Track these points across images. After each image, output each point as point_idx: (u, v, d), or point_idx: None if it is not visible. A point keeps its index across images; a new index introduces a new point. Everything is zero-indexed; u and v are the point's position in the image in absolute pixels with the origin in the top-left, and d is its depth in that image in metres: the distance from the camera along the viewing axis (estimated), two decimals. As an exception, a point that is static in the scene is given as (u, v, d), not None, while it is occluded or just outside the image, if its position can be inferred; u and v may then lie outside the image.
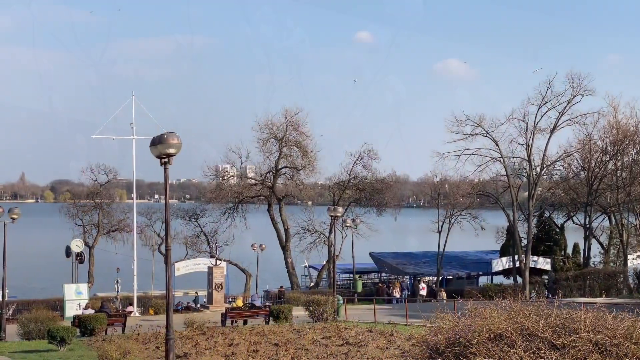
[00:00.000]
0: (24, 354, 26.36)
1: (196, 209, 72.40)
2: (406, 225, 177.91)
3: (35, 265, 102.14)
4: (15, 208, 36.22)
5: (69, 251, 59.44)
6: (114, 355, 20.19)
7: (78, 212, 66.98)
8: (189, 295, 64.15)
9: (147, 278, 64.32)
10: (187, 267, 60.22)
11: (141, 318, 45.73)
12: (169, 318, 17.49)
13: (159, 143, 16.91)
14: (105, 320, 34.46)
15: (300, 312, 39.93)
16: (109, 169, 68.27)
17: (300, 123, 68.66)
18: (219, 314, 40.46)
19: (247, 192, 69.92)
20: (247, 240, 76.50)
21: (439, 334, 11.82)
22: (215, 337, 29.06)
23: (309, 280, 75.43)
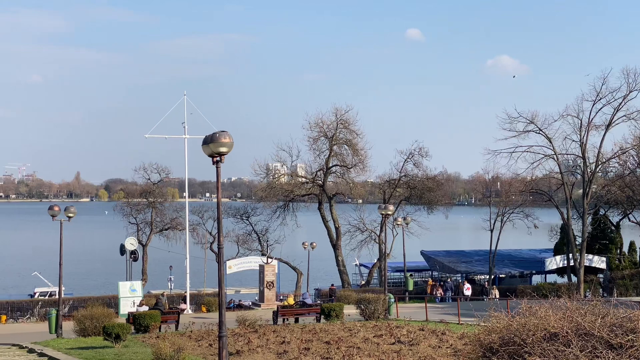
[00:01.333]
0: (80, 351, 26.78)
1: (247, 207, 72.87)
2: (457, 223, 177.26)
3: (90, 262, 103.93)
4: (71, 207, 36.78)
5: (123, 249, 60.34)
6: (168, 352, 20.37)
7: (132, 210, 67.89)
8: (241, 293, 64.67)
9: (200, 276, 64.93)
10: (238, 265, 60.68)
11: (194, 315, 46.18)
12: (222, 315, 17.60)
13: (211, 142, 17.00)
14: (159, 318, 34.84)
15: (351, 310, 39.90)
16: (161, 168, 69.30)
17: (350, 121, 68.69)
18: (270, 311, 40.66)
19: (297, 190, 70.12)
20: (297, 238, 76.77)
21: (493, 333, 11.70)
22: (267, 334, 29.18)
23: (360, 279, 75.39)
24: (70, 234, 37.75)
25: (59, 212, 35.51)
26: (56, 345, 29.18)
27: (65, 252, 36.08)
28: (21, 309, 56.34)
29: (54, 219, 35.38)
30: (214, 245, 65.49)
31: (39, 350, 27.95)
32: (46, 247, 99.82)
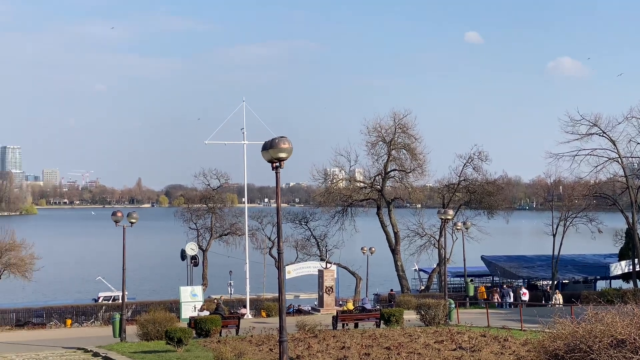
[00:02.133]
0: (143, 354, 27.17)
1: (306, 212, 72.95)
2: (518, 228, 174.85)
3: (151, 268, 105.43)
4: (133, 212, 37.37)
5: (183, 254, 60.96)
6: (229, 357, 20.55)
7: (192, 216, 68.53)
8: (300, 298, 64.78)
9: (259, 281, 65.26)
10: (297, 270, 60.82)
11: (254, 320, 46.46)
12: (282, 320, 17.65)
13: (271, 147, 17.10)
14: (220, 322, 35.16)
15: (411, 316, 39.68)
16: (220, 174, 69.78)
17: (409, 125, 68.33)
18: (329, 316, 40.65)
19: (356, 195, 69.97)
20: (356, 243, 76.58)
21: (558, 340, 11.51)
22: (327, 339, 29.20)
23: (419, 284, 74.91)
24: (132, 239, 38.30)
25: (121, 217, 36.11)
26: (120, 349, 29.65)
27: (127, 257, 36.62)
28: (85, 313, 57.40)
29: (117, 224, 36.00)
30: (273, 250, 65.78)
31: (103, 353, 28.44)
32: (109, 252, 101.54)
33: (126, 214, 36.93)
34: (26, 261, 55.33)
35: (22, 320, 55.13)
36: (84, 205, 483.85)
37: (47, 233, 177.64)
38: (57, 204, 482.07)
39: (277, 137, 17.26)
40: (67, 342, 35.74)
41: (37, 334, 42.96)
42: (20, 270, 54.84)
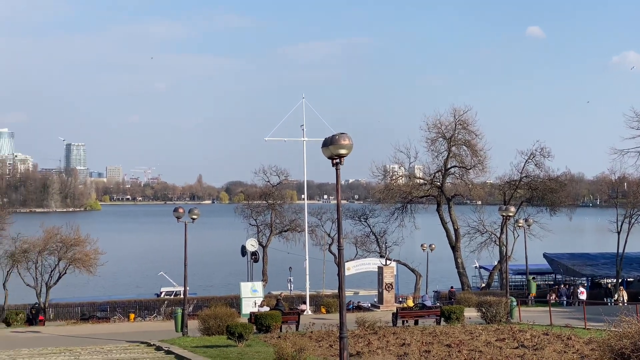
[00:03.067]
0: (205, 349, 27.48)
1: (365, 209, 72.88)
2: (582, 225, 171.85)
3: (212, 263, 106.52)
4: (195, 209, 37.79)
5: (244, 250, 61.47)
6: (289, 352, 20.62)
7: (252, 212, 69.01)
8: (359, 294, 64.75)
9: (318, 277, 65.42)
10: (357, 267, 60.77)
11: (313, 316, 46.59)
12: (343, 316, 17.65)
13: (331, 144, 17.08)
14: (280, 318, 35.35)
15: (472, 313, 39.33)
16: (280, 171, 70.12)
17: (469, 121, 67.73)
18: (389, 313, 40.57)
19: (415, 192, 69.64)
20: (416, 240, 76.27)
21: (625, 338, 11.27)
22: (387, 336, 29.12)
23: (480, 281, 74.18)
24: (193, 235, 38.80)
25: (183, 214, 36.53)
26: (182, 343, 30.05)
27: (189, 253, 37.06)
28: (148, 307, 58.37)
29: (179, 220, 36.44)
30: (333, 247, 65.87)
31: (165, 348, 28.85)
32: (171, 248, 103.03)
33: (187, 210, 37.34)
34: (90, 256, 56.40)
35: (86, 314, 56.34)
36: (146, 201, 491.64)
37: (111, 229, 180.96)
38: (120, 200, 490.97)
39: (337, 133, 17.24)
40: (131, 336, 36.37)
41: (102, 328, 43.84)
42: (85, 265, 55.94)
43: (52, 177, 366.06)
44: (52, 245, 56.20)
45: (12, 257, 55.96)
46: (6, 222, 62.46)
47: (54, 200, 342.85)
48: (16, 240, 58.09)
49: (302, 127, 53.65)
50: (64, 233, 57.82)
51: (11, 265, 56.23)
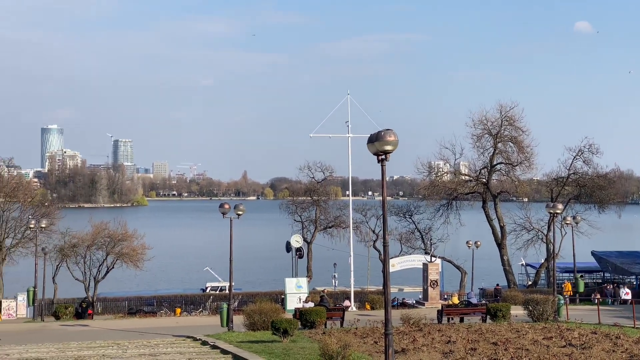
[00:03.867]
0: (250, 344, 27.60)
1: (410, 205, 72.59)
2: (631, 223, 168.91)
3: (257, 259, 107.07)
4: (240, 205, 37.96)
5: (289, 246, 61.66)
6: (334, 348, 20.59)
7: (296, 208, 69.16)
8: (404, 291, 64.51)
9: (363, 273, 65.33)
10: (402, 264, 60.61)
11: (358, 313, 46.57)
12: (388, 313, 17.60)
13: (376, 140, 17.03)
14: (325, 314, 35.38)
15: (518, 311, 38.96)
16: (325, 167, 70.16)
17: (515, 117, 66.99)
18: (434, 310, 40.37)
19: (461, 188, 69.11)
20: (461, 237, 75.67)
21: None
22: (432, 333, 28.96)
23: (526, 279, 73.42)
24: (239, 231, 38.98)
25: (229, 209, 36.73)
26: (227, 338, 30.22)
27: (234, 248, 37.26)
28: (194, 302, 58.92)
29: (224, 216, 36.64)
30: (377, 243, 65.72)
31: (211, 342, 29.05)
32: (217, 243, 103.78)
33: (233, 206, 37.54)
34: (138, 251, 57.18)
35: (134, 308, 57.08)
36: (192, 197, 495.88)
37: (157, 224, 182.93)
38: (166, 196, 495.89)
39: (383, 129, 17.19)
40: (177, 330, 36.72)
41: (148, 322, 44.34)
42: (132, 260, 56.71)
43: (100, 173, 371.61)
44: (100, 240, 57.08)
45: (62, 251, 56.98)
46: (56, 217, 63.55)
47: (102, 196, 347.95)
48: (65, 235, 59.16)
49: (347, 124, 53.66)
50: (111, 228, 58.70)
51: (60, 260, 57.26)
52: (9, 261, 59.80)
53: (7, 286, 59.51)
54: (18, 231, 60.48)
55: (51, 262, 57.35)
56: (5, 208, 61.05)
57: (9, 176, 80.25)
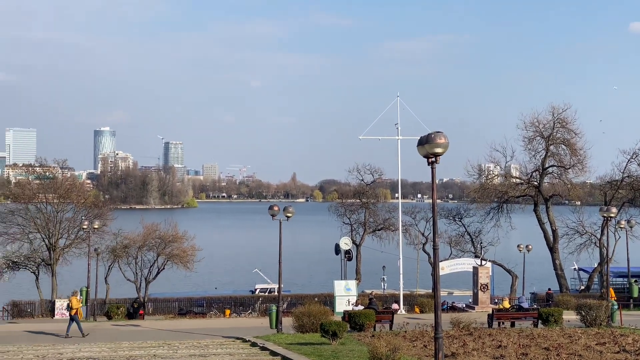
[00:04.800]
0: (299, 346, 27.64)
1: (460, 208, 72.02)
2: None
3: (306, 261, 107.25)
4: (289, 207, 38.05)
5: (337, 249, 61.60)
6: (383, 351, 20.52)
7: (345, 211, 69.08)
8: (454, 295, 64.04)
9: (412, 276, 65.00)
10: (451, 267, 60.19)
11: (407, 316, 46.32)
12: (438, 317, 17.46)
13: (427, 142, 16.93)
14: (374, 317, 35.26)
15: (570, 316, 38.36)
16: (374, 169, 69.95)
17: (568, 120, 66.02)
18: (484, 314, 39.95)
19: (512, 191, 68.33)
20: (512, 240, 74.89)
21: None
22: (483, 338, 28.67)
23: (579, 283, 72.27)
24: (288, 233, 39.07)
25: (278, 211, 36.84)
26: (276, 340, 30.31)
27: (283, 250, 37.35)
28: (243, 304, 59.24)
29: (274, 218, 36.75)
30: (426, 246, 65.34)
31: (260, 344, 29.17)
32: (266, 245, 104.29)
33: (282, 208, 37.64)
34: (188, 252, 57.66)
35: (184, 309, 57.62)
36: (241, 199, 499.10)
37: (207, 225, 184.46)
38: (216, 198, 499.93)
39: (433, 132, 17.09)
40: (226, 331, 36.93)
41: (198, 323, 44.70)
42: (183, 261, 57.22)
43: (151, 175, 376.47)
44: (151, 241, 57.73)
45: (114, 252, 57.78)
46: (108, 218, 64.43)
47: (153, 198, 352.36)
48: (117, 236, 59.99)
49: (397, 126, 53.53)
50: (162, 229, 59.32)
51: (112, 260, 58.06)
52: (63, 261, 60.79)
53: (61, 286, 60.50)
54: (71, 232, 61.47)
55: (103, 262, 58.19)
56: (59, 209, 62.06)
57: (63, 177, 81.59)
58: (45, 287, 58.91)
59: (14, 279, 62.77)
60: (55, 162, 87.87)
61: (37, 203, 62.58)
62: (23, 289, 68.18)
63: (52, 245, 59.47)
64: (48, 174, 76.85)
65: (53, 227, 60.18)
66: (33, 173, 79.30)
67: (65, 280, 66.81)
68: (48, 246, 59.66)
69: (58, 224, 60.75)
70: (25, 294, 63.84)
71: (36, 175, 77.30)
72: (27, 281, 64.77)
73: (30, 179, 72.23)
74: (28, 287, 65.86)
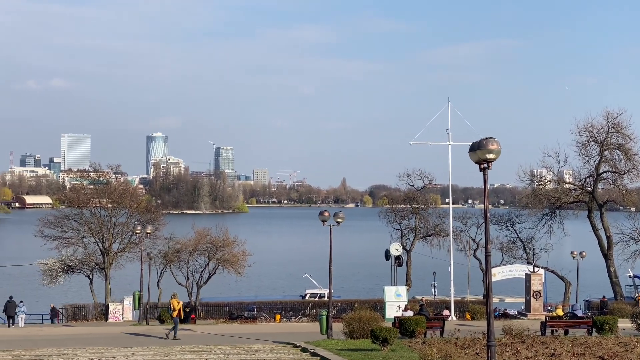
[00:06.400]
0: (349, 352, 27.63)
1: (511, 214, 71.25)
2: None
3: (356, 266, 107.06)
4: (340, 212, 38.04)
5: (388, 254, 61.37)
6: (434, 359, 20.43)
7: (395, 216, 68.81)
8: (506, 301, 63.33)
9: (463, 283, 64.45)
10: (503, 273, 59.53)
11: (458, 322, 45.96)
12: (490, 324, 17.31)
13: (479, 148, 16.84)
14: (425, 323, 35.07)
15: (626, 324, 37.70)
16: (424, 175, 69.59)
17: (623, 125, 64.85)
18: (537, 322, 39.47)
19: (565, 197, 67.33)
20: (565, 247, 73.81)
21: None
22: (536, 346, 28.33)
23: (634, 291, 70.90)
24: (337, 238, 39.03)
25: (328, 217, 36.89)
26: (327, 345, 30.34)
27: (333, 256, 37.36)
28: (294, 309, 59.33)
29: (324, 224, 36.81)
30: (477, 252, 64.72)
31: (311, 349, 29.22)
32: (315, 250, 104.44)
33: (332, 213, 37.65)
34: (239, 257, 57.99)
35: (235, 313, 57.96)
36: (291, 204, 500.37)
37: (258, 230, 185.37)
38: (266, 203, 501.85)
39: (485, 137, 16.98)
40: (277, 336, 37.07)
41: (249, 328, 44.98)
42: (233, 266, 57.57)
43: (203, 180, 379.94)
44: (202, 246, 58.19)
45: (166, 256, 58.40)
46: (160, 223, 65.08)
47: (204, 202, 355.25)
48: (169, 240, 60.59)
49: (448, 131, 53.19)
50: (213, 234, 59.74)
51: (164, 265, 58.68)
52: (116, 265, 61.61)
53: (114, 289, 61.36)
54: (124, 236, 62.25)
55: (156, 266, 58.83)
56: (112, 214, 62.92)
57: (117, 183, 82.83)
58: (99, 290, 59.79)
59: (68, 283, 63.83)
60: (109, 168, 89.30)
61: (91, 208, 63.51)
62: (78, 292, 69.29)
63: (105, 250, 60.30)
64: (102, 179, 78.07)
65: (107, 232, 60.99)
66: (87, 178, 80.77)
67: (118, 284, 67.82)
68: (102, 250, 60.50)
69: (111, 228, 61.56)
70: (79, 298, 64.87)
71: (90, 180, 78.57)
72: (82, 285, 65.81)
73: (84, 184, 73.39)
74: (82, 291, 66.90)
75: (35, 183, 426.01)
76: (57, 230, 61.93)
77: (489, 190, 18.27)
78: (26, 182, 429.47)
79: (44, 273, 59.54)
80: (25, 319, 53.16)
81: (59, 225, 62.25)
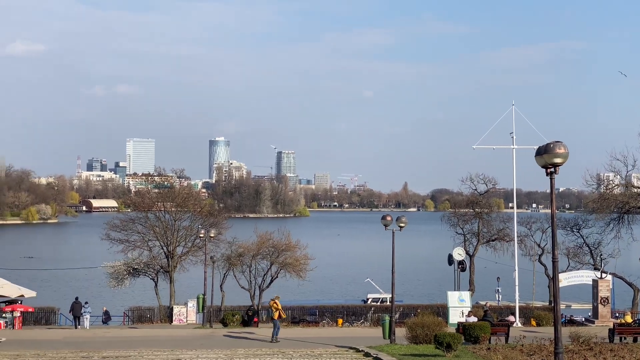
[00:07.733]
0: (412, 357, 27.44)
1: (577, 218, 69.93)
2: None
3: (418, 271, 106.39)
4: (402, 217, 37.80)
5: (451, 259, 60.84)
6: (500, 365, 20.14)
7: (458, 220, 68.19)
8: (572, 308, 62.15)
9: (528, 288, 63.49)
10: (569, 279, 58.47)
11: (523, 329, 45.25)
12: (557, 331, 16.99)
13: (545, 153, 16.55)
14: (489, 329, 34.62)
15: (698, 333, 36.56)
16: (487, 179, 68.81)
17: (694, 126, 63.12)
18: (605, 329, 38.65)
19: (633, 201, 65.75)
20: (634, 252, 71.92)
21: None
22: (604, 353, 27.71)
23: None
24: (400, 242, 38.77)
25: (391, 221, 36.70)
26: (390, 350, 30.17)
27: (395, 260, 37.16)
28: (355, 313, 59.24)
29: (387, 228, 36.63)
30: (543, 257, 63.65)
31: (373, 354, 29.10)
32: (377, 254, 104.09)
33: (395, 217, 37.44)
34: (301, 261, 58.08)
35: (297, 317, 58.13)
36: (353, 208, 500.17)
37: (319, 234, 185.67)
38: (328, 207, 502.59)
39: (552, 141, 16.68)
40: (339, 340, 37.01)
41: (311, 332, 45.05)
42: (295, 270, 57.67)
43: (264, 184, 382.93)
44: (264, 250, 58.47)
45: (228, 260, 58.83)
46: (223, 226, 65.67)
47: (266, 206, 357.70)
48: (232, 244, 61.04)
49: (512, 135, 52.48)
50: (275, 238, 59.98)
51: (227, 268, 59.13)
52: (180, 268, 62.37)
53: (178, 292, 62.11)
54: (188, 240, 63.00)
55: (219, 270, 59.30)
56: (177, 217, 63.73)
57: (180, 186, 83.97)
58: (163, 293, 60.61)
59: (134, 285, 64.87)
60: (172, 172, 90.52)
61: (156, 211, 64.41)
62: (143, 295, 70.40)
63: (170, 253, 61.09)
64: (166, 183, 79.16)
65: (171, 235, 61.78)
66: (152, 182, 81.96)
67: (182, 287, 68.63)
68: (166, 253, 61.30)
69: (176, 232, 62.35)
70: (144, 300, 65.87)
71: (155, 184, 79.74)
72: (147, 287, 66.81)
73: (149, 188, 74.47)
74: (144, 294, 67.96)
75: (102, 187, 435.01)
76: (123, 233, 62.93)
77: (555, 194, 17.92)
78: (93, 186, 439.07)
79: (110, 276, 60.59)
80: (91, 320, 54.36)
81: (125, 228, 63.24)
